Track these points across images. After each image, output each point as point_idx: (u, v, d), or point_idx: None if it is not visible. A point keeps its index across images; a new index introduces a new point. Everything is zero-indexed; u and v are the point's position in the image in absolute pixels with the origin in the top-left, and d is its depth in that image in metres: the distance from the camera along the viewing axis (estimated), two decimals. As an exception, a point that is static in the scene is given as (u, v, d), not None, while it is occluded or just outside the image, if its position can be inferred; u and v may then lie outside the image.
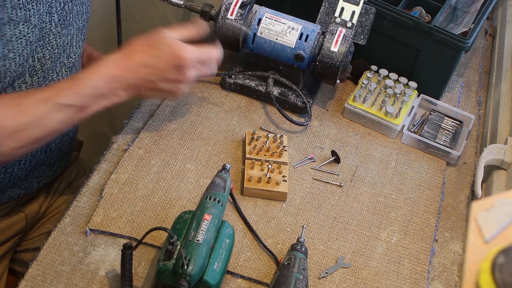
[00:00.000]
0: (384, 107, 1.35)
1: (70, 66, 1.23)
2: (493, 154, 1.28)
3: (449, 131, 1.37)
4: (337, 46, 1.28)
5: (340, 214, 1.19)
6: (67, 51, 1.21)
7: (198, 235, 0.97)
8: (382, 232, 1.17)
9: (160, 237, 1.08)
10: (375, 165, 1.29)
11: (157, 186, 1.16)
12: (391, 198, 1.23)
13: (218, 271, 0.98)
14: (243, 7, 1.31)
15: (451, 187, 1.29)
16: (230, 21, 1.30)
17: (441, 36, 1.33)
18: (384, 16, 1.36)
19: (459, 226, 1.22)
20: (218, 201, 1.03)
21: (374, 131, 1.36)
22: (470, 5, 1.49)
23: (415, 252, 1.15)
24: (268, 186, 1.17)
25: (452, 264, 1.16)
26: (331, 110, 1.38)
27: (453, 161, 1.33)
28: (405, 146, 1.34)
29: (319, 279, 1.09)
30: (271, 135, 1.25)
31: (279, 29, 1.30)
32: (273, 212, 1.17)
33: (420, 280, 1.11)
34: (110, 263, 1.04)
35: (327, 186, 1.23)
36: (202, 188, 1.17)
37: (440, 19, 1.44)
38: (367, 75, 1.41)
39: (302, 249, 1.06)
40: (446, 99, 1.46)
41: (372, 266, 1.12)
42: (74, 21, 1.20)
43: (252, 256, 1.09)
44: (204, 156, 1.23)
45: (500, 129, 1.36)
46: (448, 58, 1.36)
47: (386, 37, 1.39)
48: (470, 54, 1.59)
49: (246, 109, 1.34)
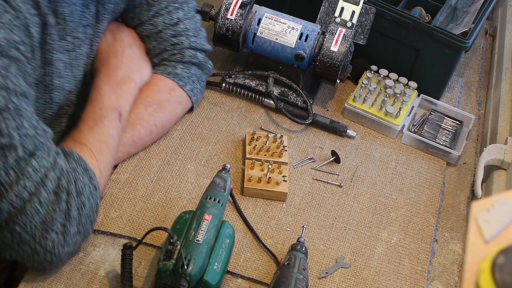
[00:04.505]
0: (384, 107, 1.35)
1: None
2: (493, 154, 1.28)
3: (449, 131, 1.37)
4: (337, 46, 1.28)
5: (340, 214, 1.19)
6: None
7: (198, 235, 0.97)
8: (382, 232, 1.17)
9: (160, 237, 1.08)
10: (375, 165, 1.29)
11: (157, 186, 1.16)
12: (391, 198, 1.23)
13: (218, 271, 0.98)
14: (243, 7, 1.31)
15: (451, 187, 1.29)
16: (230, 21, 1.30)
17: (441, 36, 1.33)
18: (384, 16, 1.36)
19: (459, 226, 1.22)
20: (218, 201, 1.03)
21: (374, 131, 1.36)
22: (470, 5, 1.49)
23: (415, 252, 1.15)
24: (268, 186, 1.17)
25: (452, 264, 1.16)
26: (331, 110, 1.38)
27: (453, 161, 1.33)
28: (405, 146, 1.34)
29: (319, 279, 1.09)
30: (271, 135, 1.25)
31: (279, 29, 1.30)
32: (273, 212, 1.17)
33: (420, 280, 1.11)
34: (110, 263, 1.04)
35: (327, 186, 1.23)
36: (202, 188, 1.17)
37: (440, 19, 1.44)
38: (367, 75, 1.41)
39: (302, 249, 1.06)
40: (446, 99, 1.46)
41: (372, 266, 1.12)
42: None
43: (252, 256, 1.09)
44: (204, 156, 1.23)
45: (500, 129, 1.36)
46: (448, 58, 1.36)
47: (386, 37, 1.39)
48: (470, 54, 1.59)
49: (246, 109, 1.34)
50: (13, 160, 0.87)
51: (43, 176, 0.90)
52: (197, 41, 1.25)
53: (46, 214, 0.90)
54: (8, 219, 0.89)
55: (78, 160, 0.97)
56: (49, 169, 0.91)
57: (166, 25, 1.22)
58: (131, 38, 1.22)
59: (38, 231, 0.90)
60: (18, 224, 0.89)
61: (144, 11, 1.21)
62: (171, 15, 1.22)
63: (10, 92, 0.87)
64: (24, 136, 0.89)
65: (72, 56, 1.10)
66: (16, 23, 0.90)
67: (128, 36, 1.22)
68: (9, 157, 0.87)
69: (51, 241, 0.91)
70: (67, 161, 0.96)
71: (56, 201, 0.90)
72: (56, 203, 0.90)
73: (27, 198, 0.88)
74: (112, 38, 1.19)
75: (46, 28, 1.00)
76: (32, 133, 0.90)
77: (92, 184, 0.98)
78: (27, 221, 0.89)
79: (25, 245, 0.91)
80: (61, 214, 0.91)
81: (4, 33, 0.88)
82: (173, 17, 1.22)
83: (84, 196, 0.95)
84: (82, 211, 0.95)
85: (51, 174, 0.91)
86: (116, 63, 1.16)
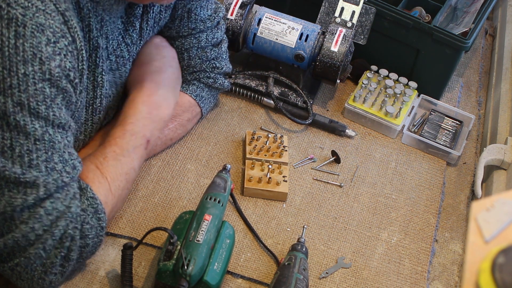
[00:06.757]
0: (384, 107, 1.35)
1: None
2: (493, 154, 1.28)
3: (449, 131, 1.37)
4: (337, 46, 1.28)
5: (341, 214, 1.19)
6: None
7: (198, 235, 0.97)
8: (382, 232, 1.17)
9: (160, 237, 1.08)
10: (375, 165, 1.29)
11: (157, 186, 1.16)
12: (391, 198, 1.23)
13: (218, 271, 0.98)
14: (243, 7, 1.31)
15: (451, 187, 1.29)
16: (230, 21, 1.30)
17: (441, 36, 1.33)
18: (384, 16, 1.36)
19: (459, 226, 1.22)
20: (219, 202, 1.03)
21: (374, 131, 1.36)
22: (470, 5, 1.49)
23: (415, 252, 1.15)
24: (268, 186, 1.17)
25: (452, 264, 1.16)
26: (331, 110, 1.38)
27: (453, 161, 1.33)
28: (405, 146, 1.34)
29: (319, 279, 1.09)
30: (271, 135, 1.25)
31: (279, 29, 1.30)
32: (273, 212, 1.17)
33: (420, 280, 1.11)
34: (110, 263, 1.04)
35: (327, 186, 1.23)
36: (202, 188, 1.17)
37: (440, 19, 1.44)
38: (367, 75, 1.41)
39: (302, 249, 1.06)
40: (446, 99, 1.46)
41: (373, 266, 1.12)
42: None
43: (252, 256, 1.09)
44: (204, 156, 1.23)
45: (500, 129, 1.36)
46: (448, 58, 1.36)
47: (386, 37, 1.39)
48: (470, 54, 1.59)
49: (246, 109, 1.34)
50: (32, 199, 0.86)
51: (54, 221, 0.88)
52: (229, 66, 1.26)
53: (47, 258, 0.90)
54: (11, 255, 0.89)
55: (91, 200, 0.95)
56: (61, 215, 0.89)
57: (209, 42, 1.21)
58: (172, 57, 1.20)
59: (37, 272, 0.90)
60: (19, 263, 0.89)
61: (184, 24, 1.19)
62: (213, 33, 1.21)
63: (49, 123, 0.86)
64: (51, 171, 0.87)
65: (117, 75, 1.09)
66: (70, 48, 0.88)
67: (171, 54, 1.20)
68: (29, 196, 0.86)
69: (49, 281, 0.92)
70: (80, 199, 0.93)
71: (59, 247, 0.90)
72: (59, 249, 0.90)
73: (32, 240, 0.87)
74: (155, 52, 1.17)
75: (98, 51, 0.99)
76: (59, 168, 0.88)
77: (100, 226, 0.95)
78: (28, 263, 0.89)
79: (23, 281, 0.91)
80: (61, 258, 0.91)
81: (58, 60, 0.85)
82: (215, 36, 1.22)
83: (88, 238, 0.94)
84: (84, 249, 0.94)
85: (61, 222, 0.89)
86: (158, 82, 1.13)
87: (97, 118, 1.06)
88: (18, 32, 0.81)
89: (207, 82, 1.23)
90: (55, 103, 0.86)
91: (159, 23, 1.16)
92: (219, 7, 1.23)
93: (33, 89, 0.83)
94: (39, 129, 0.85)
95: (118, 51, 1.07)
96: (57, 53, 0.85)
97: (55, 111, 0.87)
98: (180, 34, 1.20)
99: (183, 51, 1.21)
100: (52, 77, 0.85)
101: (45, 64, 0.83)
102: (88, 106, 1.03)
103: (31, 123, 0.84)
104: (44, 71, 0.83)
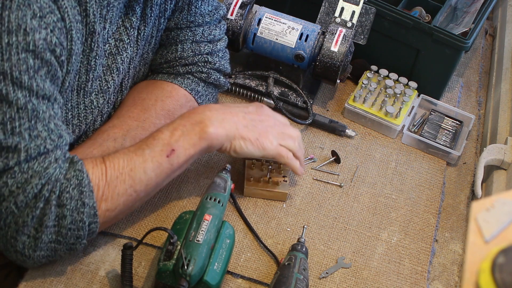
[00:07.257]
0: (384, 107, 1.35)
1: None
2: (493, 154, 1.28)
3: (449, 131, 1.37)
4: (337, 46, 1.28)
5: (341, 214, 1.19)
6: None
7: (198, 235, 0.97)
8: (382, 232, 1.18)
9: (160, 237, 1.08)
10: (375, 165, 1.29)
11: (157, 186, 1.16)
12: (391, 198, 1.23)
13: (218, 271, 0.98)
14: (243, 7, 1.31)
15: (451, 187, 1.29)
16: (230, 21, 1.30)
17: (441, 36, 1.33)
18: (384, 16, 1.36)
19: (459, 226, 1.22)
20: (219, 202, 1.03)
21: (374, 131, 1.36)
22: (470, 5, 1.49)
23: (416, 252, 1.15)
24: (268, 187, 1.17)
25: (452, 264, 1.16)
26: (331, 110, 1.38)
27: (453, 161, 1.33)
28: (405, 146, 1.34)
29: (319, 279, 1.09)
30: (271, 135, 1.25)
31: (279, 29, 1.30)
32: (273, 212, 1.17)
33: (420, 280, 1.11)
34: (110, 263, 1.04)
35: (327, 186, 1.23)
36: (202, 188, 1.17)
37: (440, 19, 1.44)
38: (367, 75, 1.41)
39: (302, 249, 1.06)
40: (446, 99, 1.46)
41: (373, 266, 1.12)
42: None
43: (252, 256, 1.09)
44: (204, 156, 1.23)
45: (500, 129, 1.36)
46: (448, 58, 1.36)
47: (386, 37, 1.39)
48: (470, 54, 1.59)
49: (246, 109, 1.34)
50: (13, 163, 0.87)
51: (27, 179, 0.89)
52: (225, 65, 1.25)
53: (20, 216, 0.90)
54: None
55: (78, 172, 0.93)
56: (35, 174, 0.89)
57: (204, 38, 1.21)
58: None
59: (10, 230, 0.91)
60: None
61: (183, 16, 1.18)
62: (210, 29, 1.21)
63: (32, 93, 0.87)
64: (34, 138, 0.88)
65: (118, 60, 1.08)
66: (59, 25, 0.89)
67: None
68: (10, 160, 0.87)
69: (21, 242, 0.91)
70: (67, 169, 0.93)
71: (32, 206, 0.90)
72: (31, 208, 0.90)
73: (5, 196, 0.89)
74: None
75: (93, 36, 0.99)
76: (44, 135, 0.89)
77: (81, 200, 0.93)
78: (1, 218, 0.90)
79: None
80: (33, 220, 0.91)
81: (44, 34, 0.87)
82: (212, 33, 1.21)
83: (66, 208, 0.92)
84: (61, 221, 0.92)
85: (35, 180, 0.89)
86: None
87: (88, 101, 1.06)
88: (5, 5, 0.84)
89: (200, 76, 1.22)
90: (39, 74, 0.87)
91: (165, 14, 1.17)
92: (220, 6, 1.23)
93: (16, 58, 0.84)
94: (21, 98, 0.86)
95: (117, 35, 1.07)
96: (43, 27, 0.86)
97: (39, 82, 0.88)
98: (178, 26, 1.20)
99: (177, 43, 1.21)
100: (36, 49, 0.86)
101: (29, 35, 0.85)
102: (79, 89, 1.03)
103: (13, 92, 0.85)
104: (28, 42, 0.85)
